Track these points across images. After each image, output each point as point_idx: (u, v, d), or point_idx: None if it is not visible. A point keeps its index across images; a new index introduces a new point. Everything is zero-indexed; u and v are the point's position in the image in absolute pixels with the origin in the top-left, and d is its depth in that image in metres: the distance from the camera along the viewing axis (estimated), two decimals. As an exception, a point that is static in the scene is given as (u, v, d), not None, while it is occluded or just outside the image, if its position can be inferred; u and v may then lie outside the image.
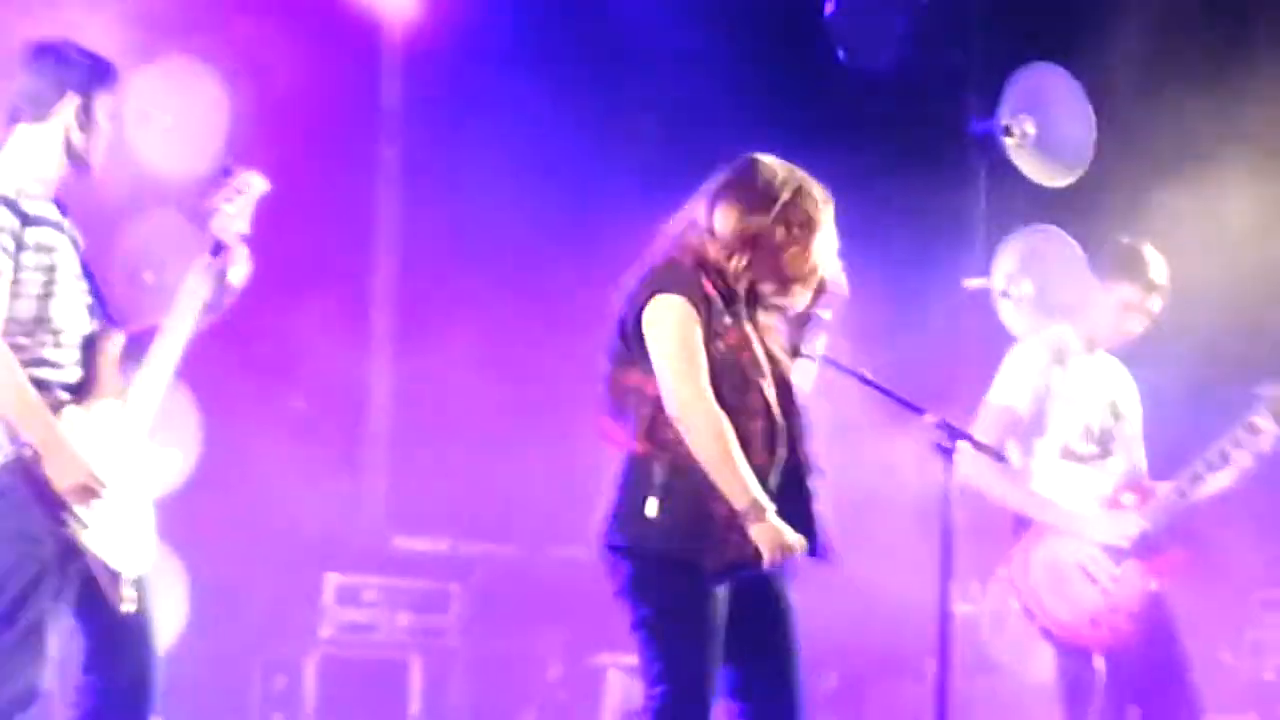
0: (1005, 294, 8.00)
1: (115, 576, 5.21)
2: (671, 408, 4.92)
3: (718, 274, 5.13)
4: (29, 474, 5.18)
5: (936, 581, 5.57)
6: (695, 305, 5.04)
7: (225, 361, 6.49)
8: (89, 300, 5.48)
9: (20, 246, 5.27)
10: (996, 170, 8.79)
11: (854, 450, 6.89)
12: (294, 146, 8.58)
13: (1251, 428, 6.98)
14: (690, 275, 5.09)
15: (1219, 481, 7.03)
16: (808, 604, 5.28)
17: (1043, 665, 7.26)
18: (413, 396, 10.00)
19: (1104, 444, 7.25)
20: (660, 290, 5.04)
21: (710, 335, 5.04)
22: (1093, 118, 8.50)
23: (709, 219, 5.20)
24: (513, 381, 9.15)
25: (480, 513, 9.32)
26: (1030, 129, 8.46)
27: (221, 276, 5.48)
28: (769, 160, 5.33)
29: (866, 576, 7.03)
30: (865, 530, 7.01)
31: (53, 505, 5.19)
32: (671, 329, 5.06)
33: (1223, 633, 9.27)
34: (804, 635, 5.24)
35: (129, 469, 5.44)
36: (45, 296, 5.31)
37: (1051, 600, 7.09)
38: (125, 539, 5.36)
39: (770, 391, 5.11)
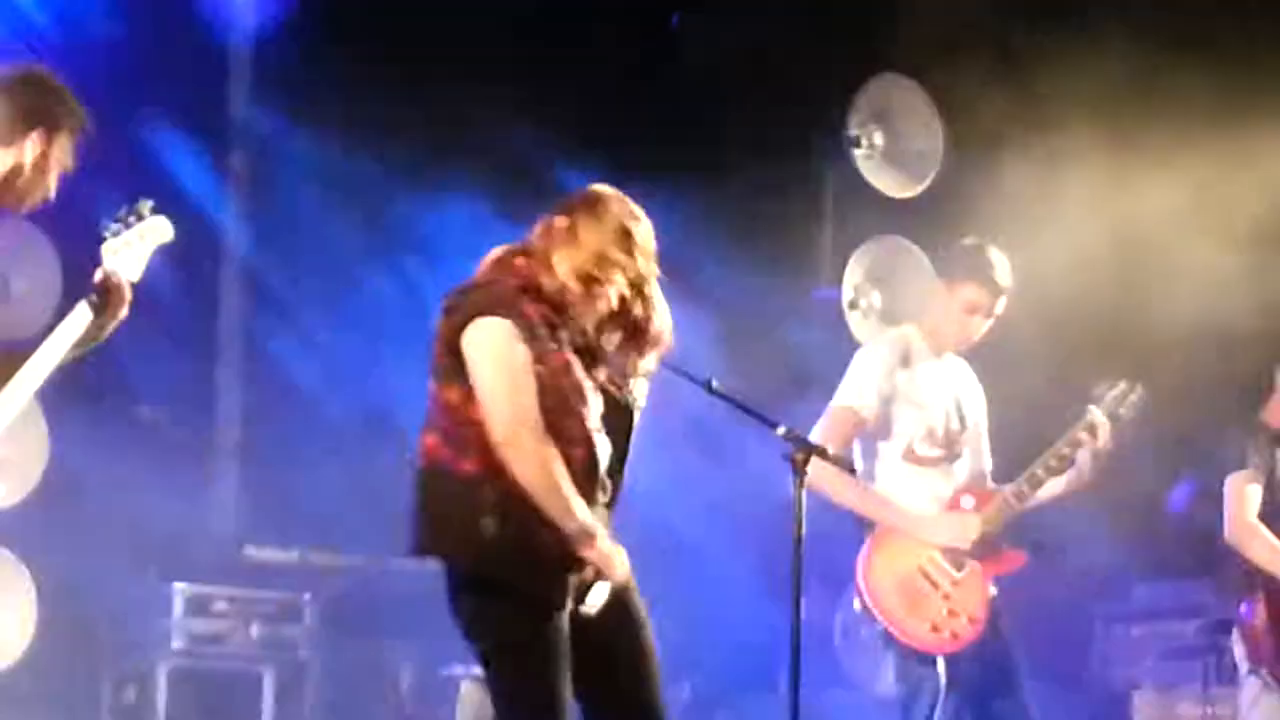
0: (854, 304, 8.40)
1: None
2: (496, 432, 4.90)
3: (543, 298, 5.11)
4: None
5: (789, 590, 5.47)
6: (518, 327, 5.03)
7: (73, 370, 6.51)
8: None
9: None
10: (845, 181, 8.91)
11: (708, 459, 7.38)
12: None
13: (1090, 429, 7.04)
14: (512, 297, 5.06)
15: (1058, 484, 7.11)
16: (660, 614, 5.20)
17: (889, 673, 7.40)
18: (262, 404, 9.79)
19: (949, 446, 7.26)
20: (481, 312, 5.01)
21: (533, 359, 5.02)
22: (941, 128, 8.82)
23: (544, 243, 5.16)
24: (363, 389, 9.03)
25: (332, 522, 9.01)
26: (879, 140, 8.72)
27: (99, 319, 5.17)
28: (606, 192, 5.30)
29: (720, 587, 7.49)
30: (718, 540, 7.12)
31: None
32: (494, 351, 5.02)
33: (1068, 640, 9.45)
34: (658, 646, 5.18)
35: None
36: None
37: (893, 603, 7.11)
38: None
39: (593, 419, 5.11)
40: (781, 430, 5.52)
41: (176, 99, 9.02)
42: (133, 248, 5.21)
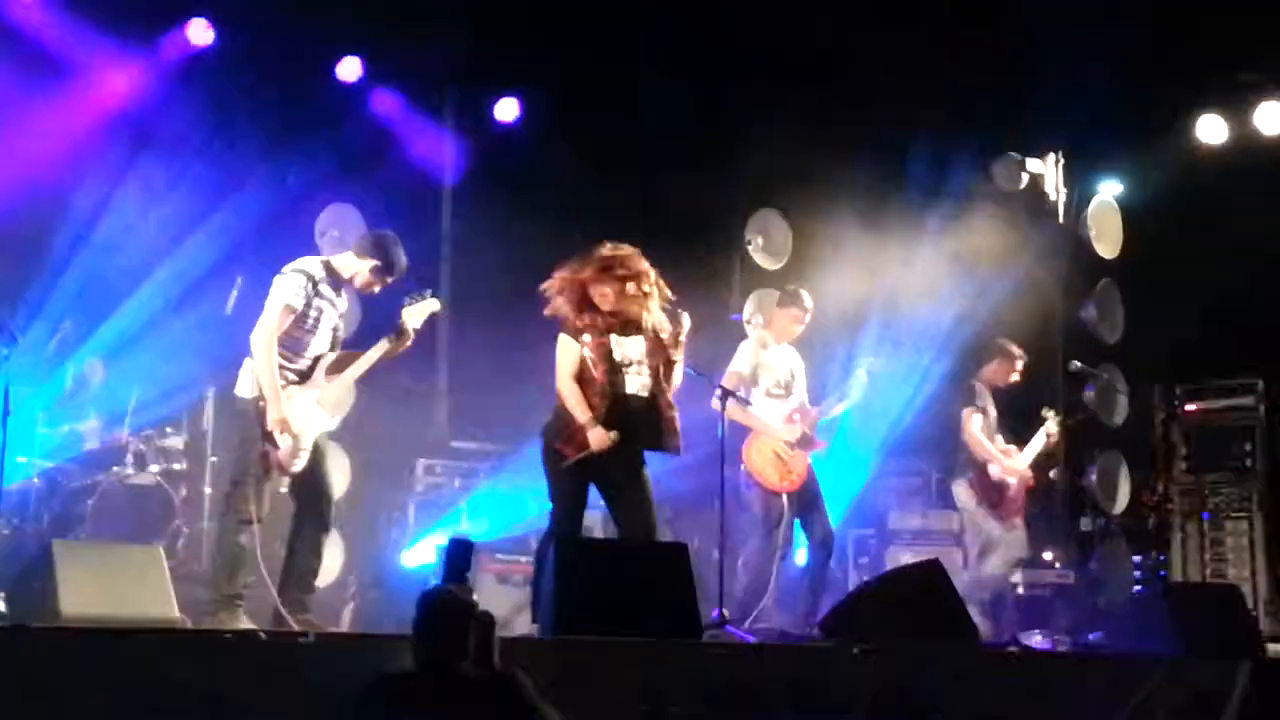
0: (748, 321, 10.28)
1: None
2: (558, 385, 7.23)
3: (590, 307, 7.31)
4: (259, 410, 7.08)
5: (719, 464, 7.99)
6: (571, 335, 7.25)
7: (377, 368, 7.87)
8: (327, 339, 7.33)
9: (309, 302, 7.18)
10: (744, 260, 10.95)
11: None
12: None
13: (858, 378, 9.18)
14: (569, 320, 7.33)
15: (841, 406, 9.30)
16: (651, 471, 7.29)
17: (757, 503, 9.03)
18: (461, 372, 11.62)
19: (786, 390, 9.15)
20: (560, 331, 7.32)
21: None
22: (790, 235, 10.86)
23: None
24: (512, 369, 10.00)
25: (494, 427, 11.05)
26: (760, 240, 10.80)
27: (395, 345, 7.49)
28: (614, 246, 7.41)
29: (683, 461, 8.10)
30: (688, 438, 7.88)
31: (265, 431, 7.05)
32: (561, 350, 7.34)
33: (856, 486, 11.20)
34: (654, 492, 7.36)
35: (316, 420, 7.26)
36: (309, 331, 7.23)
37: (762, 468, 9.02)
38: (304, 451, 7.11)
39: (605, 378, 7.25)
40: (716, 385, 8.31)
41: (406, 216, 10.12)
42: (417, 312, 7.53)
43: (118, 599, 6.09)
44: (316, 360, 7.34)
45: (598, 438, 7.16)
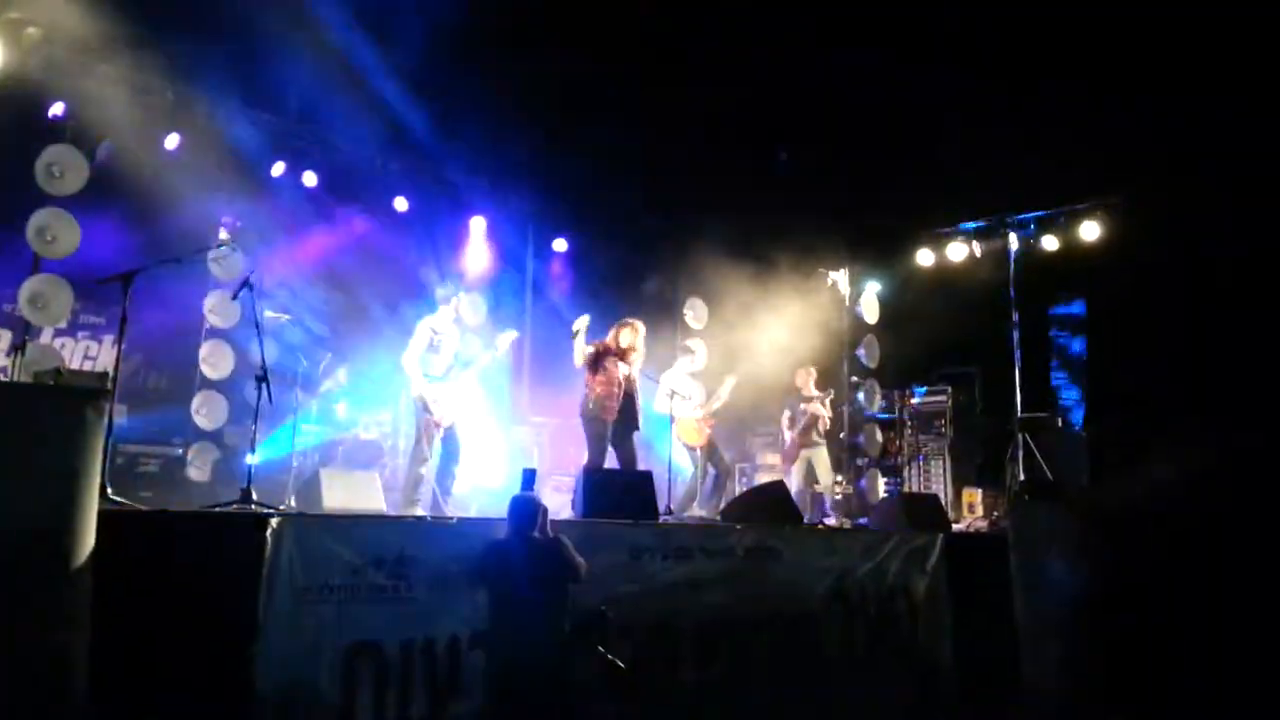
0: (685, 355, 9.42)
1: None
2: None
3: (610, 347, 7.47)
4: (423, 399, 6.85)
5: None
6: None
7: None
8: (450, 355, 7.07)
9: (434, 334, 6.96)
10: (683, 324, 9.82)
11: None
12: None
13: (727, 385, 8.52)
14: (602, 349, 7.45)
15: (719, 402, 8.80)
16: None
17: (685, 455, 8.75)
18: (538, 365, 11.21)
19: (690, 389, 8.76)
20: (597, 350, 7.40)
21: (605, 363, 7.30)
22: (706, 310, 9.84)
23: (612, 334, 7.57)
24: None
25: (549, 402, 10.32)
26: (692, 313, 9.77)
27: (491, 355, 7.31)
28: (626, 320, 7.64)
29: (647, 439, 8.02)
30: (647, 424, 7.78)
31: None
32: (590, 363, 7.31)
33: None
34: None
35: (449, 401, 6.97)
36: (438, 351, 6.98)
37: (685, 433, 8.70)
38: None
39: (621, 385, 7.33)
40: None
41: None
42: (504, 338, 7.28)
43: (354, 499, 6.05)
44: (447, 369, 7.10)
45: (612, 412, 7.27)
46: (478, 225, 11.34)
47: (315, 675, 4.58)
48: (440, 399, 6.89)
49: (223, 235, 8.44)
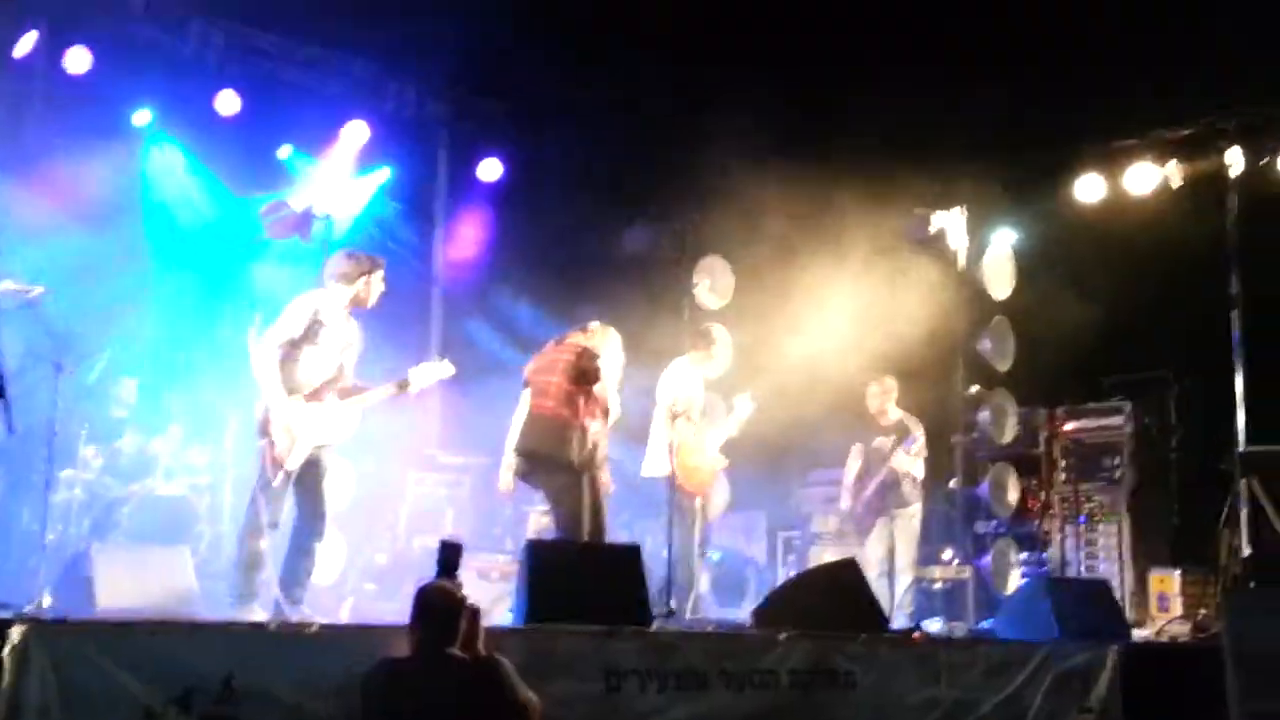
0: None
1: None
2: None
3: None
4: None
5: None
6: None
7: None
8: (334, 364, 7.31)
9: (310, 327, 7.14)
10: (692, 299, 9.64)
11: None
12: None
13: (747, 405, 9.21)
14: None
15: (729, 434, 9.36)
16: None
17: None
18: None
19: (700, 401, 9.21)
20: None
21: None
22: (732, 277, 10.01)
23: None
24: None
25: (472, 441, 10.70)
26: (707, 281, 9.80)
27: (396, 392, 7.57)
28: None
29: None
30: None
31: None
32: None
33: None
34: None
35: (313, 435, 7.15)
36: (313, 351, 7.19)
37: (692, 474, 8.96)
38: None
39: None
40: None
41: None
42: (426, 372, 7.63)
43: (148, 595, 6.19)
44: (325, 382, 7.31)
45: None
46: (352, 137, 11.65)
47: None
48: (298, 425, 7.07)
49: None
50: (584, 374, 7.92)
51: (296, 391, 7.16)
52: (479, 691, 5.24)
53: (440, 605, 5.33)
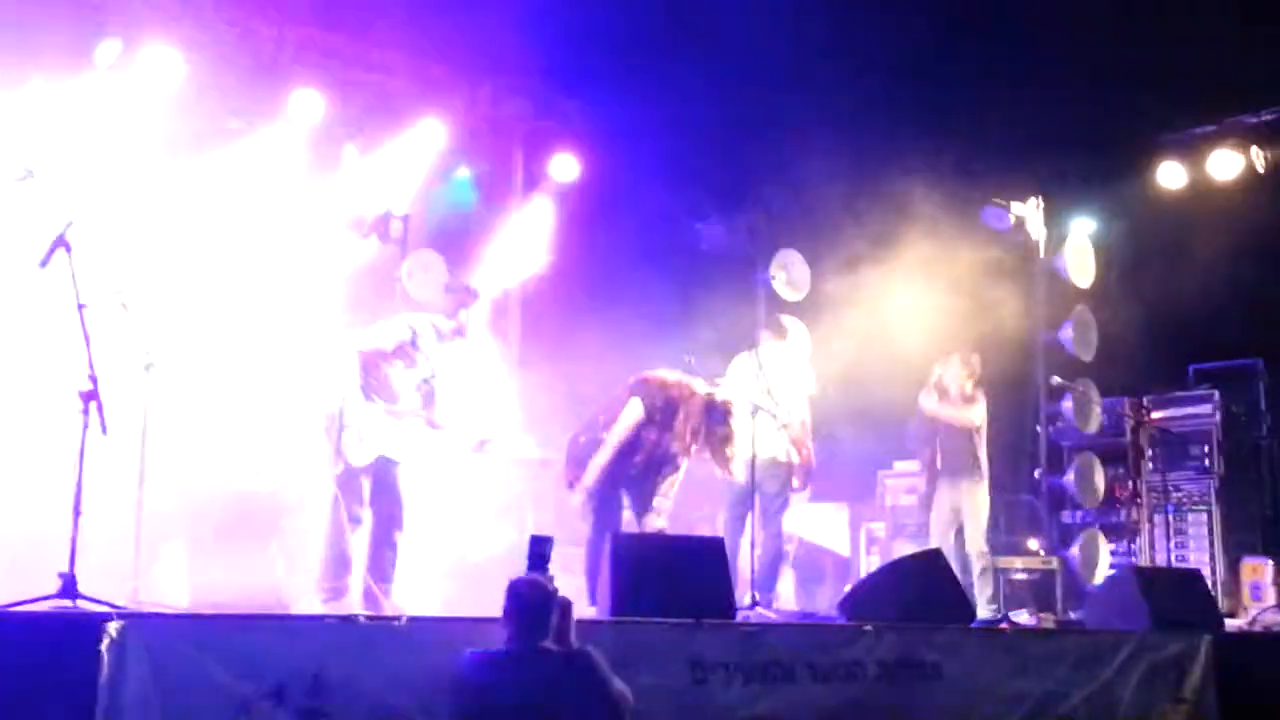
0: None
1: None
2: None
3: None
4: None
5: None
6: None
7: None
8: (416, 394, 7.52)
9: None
10: (769, 292, 10.18)
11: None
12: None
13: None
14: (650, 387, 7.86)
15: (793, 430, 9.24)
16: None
17: None
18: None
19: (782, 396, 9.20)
20: (631, 392, 7.80)
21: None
22: (808, 272, 10.38)
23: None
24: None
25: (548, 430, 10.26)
26: (782, 276, 10.24)
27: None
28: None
29: None
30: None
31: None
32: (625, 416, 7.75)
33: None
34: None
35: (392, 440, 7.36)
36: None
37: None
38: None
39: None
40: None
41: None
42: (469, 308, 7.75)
43: (238, 590, 6.24)
44: (410, 408, 7.44)
45: None
46: (428, 137, 11.60)
47: None
48: (370, 430, 7.20)
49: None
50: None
51: (378, 401, 7.28)
52: (573, 684, 5.21)
53: (532, 599, 5.31)
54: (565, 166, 12.36)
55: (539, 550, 5.68)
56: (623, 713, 5.23)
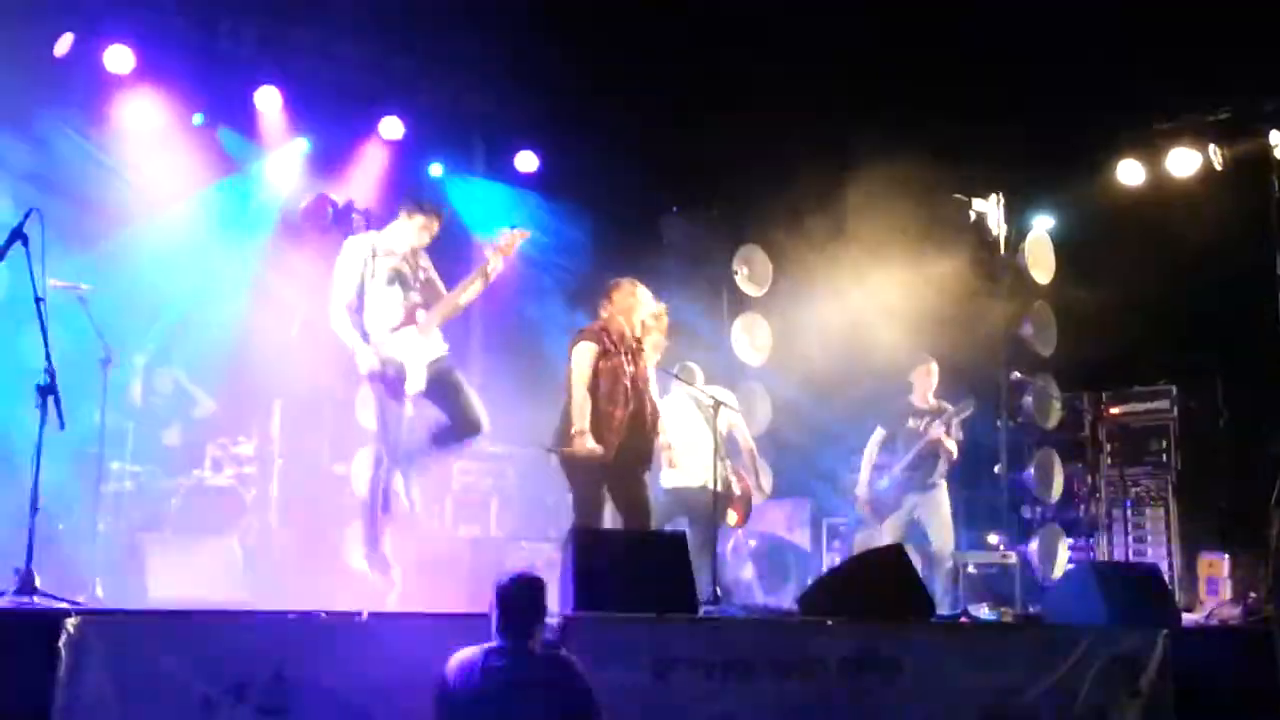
0: (737, 341, 10.78)
1: None
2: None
3: (609, 332, 7.73)
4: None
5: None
6: (597, 345, 7.64)
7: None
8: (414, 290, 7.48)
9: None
10: (732, 286, 11.09)
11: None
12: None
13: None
14: (594, 330, 7.69)
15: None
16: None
17: None
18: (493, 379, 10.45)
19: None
20: (578, 339, 7.70)
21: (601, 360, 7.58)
22: (771, 267, 10.99)
23: (605, 309, 7.86)
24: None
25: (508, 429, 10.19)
26: (745, 270, 11.05)
27: (487, 278, 7.57)
28: (624, 280, 7.92)
29: None
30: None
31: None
32: (578, 362, 7.65)
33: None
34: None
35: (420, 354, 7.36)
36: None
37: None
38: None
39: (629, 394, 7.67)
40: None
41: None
42: (503, 241, 7.59)
43: (198, 585, 6.35)
44: (410, 309, 7.44)
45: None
46: (390, 132, 11.77)
47: None
48: (402, 353, 7.26)
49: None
50: None
51: (380, 329, 7.31)
52: (558, 693, 5.19)
53: (523, 597, 5.28)
54: (526, 160, 12.26)
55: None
56: (601, 714, 5.19)
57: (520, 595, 5.24)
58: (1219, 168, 10.91)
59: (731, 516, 9.06)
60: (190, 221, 10.32)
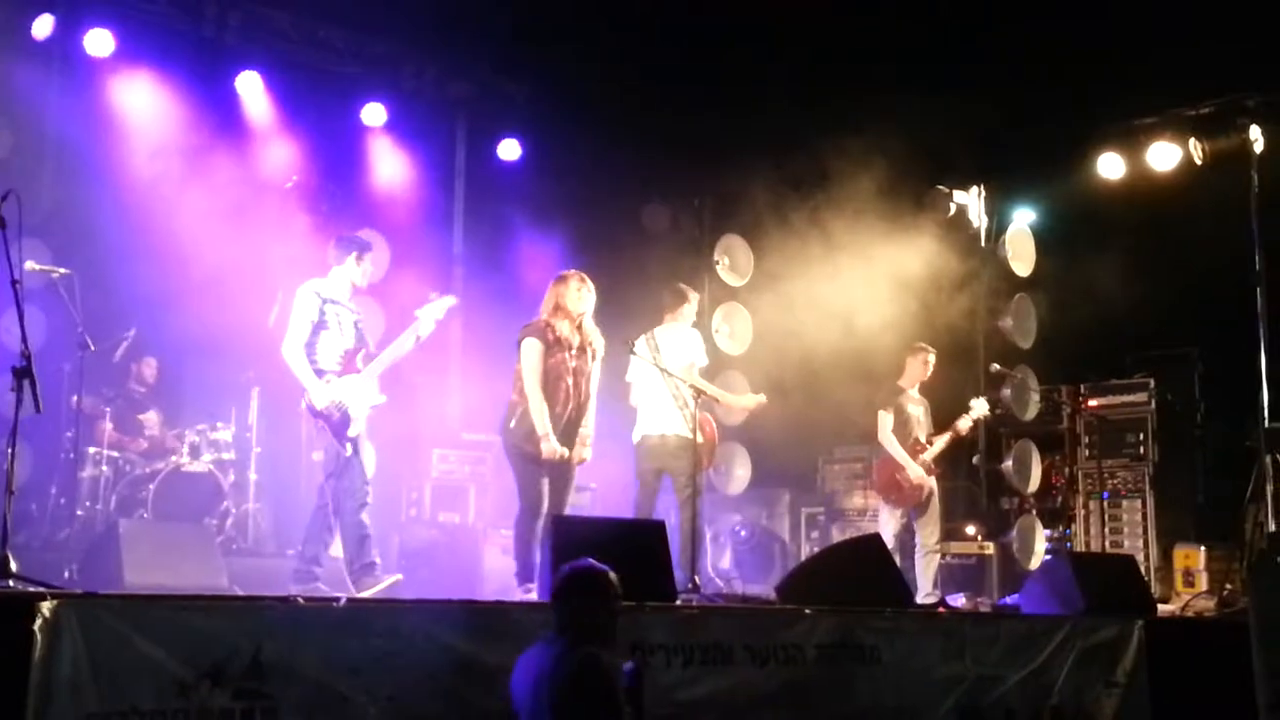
0: (717, 331, 10.67)
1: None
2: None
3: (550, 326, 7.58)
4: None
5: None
6: (540, 341, 7.50)
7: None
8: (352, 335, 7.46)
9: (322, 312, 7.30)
10: (715, 276, 11.14)
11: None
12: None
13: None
14: (539, 326, 7.56)
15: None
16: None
17: None
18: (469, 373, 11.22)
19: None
20: (524, 334, 7.56)
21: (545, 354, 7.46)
22: (751, 257, 10.97)
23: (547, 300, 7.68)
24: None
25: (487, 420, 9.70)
26: (726, 260, 10.92)
27: (419, 336, 7.57)
28: (567, 272, 7.79)
29: None
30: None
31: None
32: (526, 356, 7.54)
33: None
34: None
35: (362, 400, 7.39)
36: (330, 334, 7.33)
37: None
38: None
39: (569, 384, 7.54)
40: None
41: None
42: (435, 308, 7.59)
43: (175, 571, 6.21)
44: (349, 355, 7.47)
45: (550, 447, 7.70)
46: (372, 118, 11.71)
47: None
48: (346, 398, 7.31)
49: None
50: None
51: (328, 371, 7.32)
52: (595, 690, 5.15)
53: (590, 585, 5.32)
54: (509, 149, 12.27)
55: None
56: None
57: (588, 583, 5.32)
58: (1199, 162, 10.93)
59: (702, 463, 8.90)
60: (170, 205, 10.15)
